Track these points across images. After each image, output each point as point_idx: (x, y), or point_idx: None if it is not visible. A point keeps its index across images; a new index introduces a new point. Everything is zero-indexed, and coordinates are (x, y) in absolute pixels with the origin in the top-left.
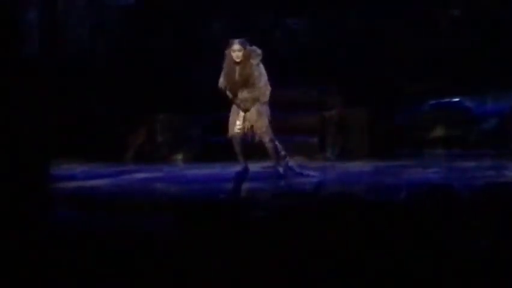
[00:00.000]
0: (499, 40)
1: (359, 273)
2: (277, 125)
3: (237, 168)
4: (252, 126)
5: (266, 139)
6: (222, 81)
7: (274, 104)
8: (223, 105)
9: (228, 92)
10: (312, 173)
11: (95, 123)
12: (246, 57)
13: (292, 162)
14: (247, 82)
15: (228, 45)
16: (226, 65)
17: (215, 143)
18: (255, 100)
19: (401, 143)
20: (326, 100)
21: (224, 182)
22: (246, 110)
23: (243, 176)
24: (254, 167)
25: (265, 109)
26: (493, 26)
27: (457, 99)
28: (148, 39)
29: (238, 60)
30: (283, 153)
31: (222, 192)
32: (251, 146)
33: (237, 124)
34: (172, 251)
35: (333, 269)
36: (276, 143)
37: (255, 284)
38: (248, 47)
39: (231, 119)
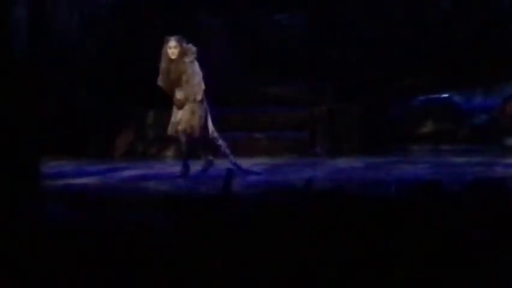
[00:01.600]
0: (489, 35)
1: (350, 270)
2: (268, 121)
3: (228, 164)
4: (183, 124)
5: (188, 138)
6: (159, 79)
7: (264, 99)
8: (216, 101)
9: (166, 90)
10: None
11: (84, 119)
12: (181, 55)
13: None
14: (180, 80)
15: (164, 42)
16: (162, 63)
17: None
18: (188, 98)
19: (391, 138)
20: (315, 96)
21: (215, 179)
22: (180, 108)
23: (184, 173)
24: (246, 164)
25: (199, 108)
26: (483, 20)
27: (446, 95)
28: (139, 34)
29: (173, 57)
30: (227, 151)
31: (213, 189)
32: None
33: (174, 123)
34: (163, 248)
35: (324, 265)
36: (220, 142)
37: (247, 281)
38: (184, 45)
39: (172, 118)
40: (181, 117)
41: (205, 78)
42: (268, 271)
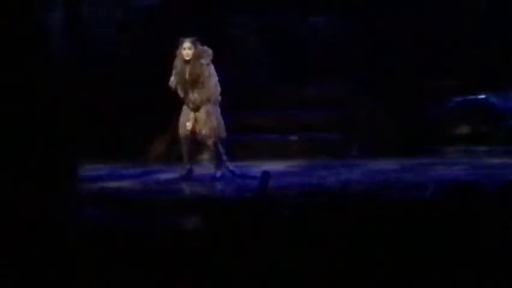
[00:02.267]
0: None
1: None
2: (302, 123)
3: (263, 167)
4: (199, 127)
5: (209, 141)
6: (172, 80)
7: (299, 102)
8: (248, 105)
9: (178, 92)
10: (254, 175)
11: (121, 123)
12: (196, 57)
13: (232, 165)
14: (196, 82)
15: (179, 44)
16: (176, 64)
17: (239, 142)
18: (205, 100)
19: (427, 140)
20: (351, 97)
21: (249, 181)
22: (195, 110)
23: (188, 177)
24: (281, 166)
25: (215, 110)
26: None
27: (483, 96)
28: (173, 37)
29: (188, 58)
30: (224, 157)
31: (248, 191)
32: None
33: (187, 125)
34: (198, 251)
35: (359, 267)
36: (219, 146)
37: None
38: (199, 47)
39: (181, 119)
40: (197, 120)
41: (227, 81)
42: (304, 274)
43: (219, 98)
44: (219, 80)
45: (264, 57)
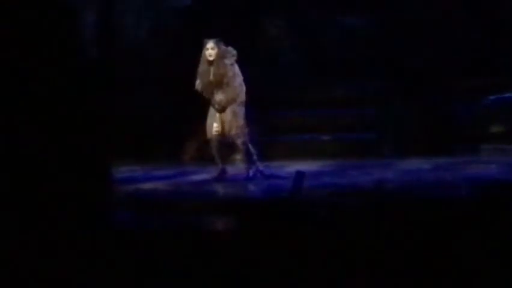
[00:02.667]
0: None
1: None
2: (334, 123)
3: (296, 166)
4: (227, 127)
5: (238, 141)
6: (198, 83)
7: (330, 101)
8: (281, 105)
9: (204, 94)
10: (283, 175)
11: (154, 124)
12: (220, 57)
13: (261, 166)
14: (221, 82)
15: (203, 45)
16: (200, 66)
17: (272, 142)
18: (230, 101)
19: (459, 138)
20: (383, 97)
21: (281, 181)
22: (221, 111)
23: (221, 178)
24: (314, 166)
25: (241, 110)
26: None
27: None
28: (206, 37)
29: (211, 58)
30: (255, 157)
31: (282, 191)
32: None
33: (215, 126)
34: (233, 251)
35: (396, 267)
36: (250, 146)
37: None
38: (222, 47)
39: (208, 121)
40: (223, 120)
41: (259, 82)
42: (338, 272)
43: (244, 98)
44: (246, 80)
45: (296, 57)
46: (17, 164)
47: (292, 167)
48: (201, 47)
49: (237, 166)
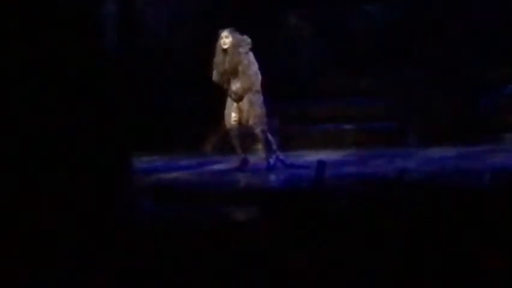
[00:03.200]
0: None
1: (442, 261)
2: (358, 112)
3: (318, 156)
4: (245, 117)
5: (257, 129)
6: (215, 74)
7: (354, 91)
8: (303, 94)
9: (222, 84)
10: (304, 165)
11: (175, 115)
12: (235, 46)
13: (282, 154)
14: (236, 71)
15: (218, 36)
16: (216, 57)
17: (295, 132)
18: (246, 89)
19: (483, 127)
20: (406, 86)
21: (302, 170)
22: (238, 100)
23: (243, 167)
24: (336, 155)
25: (258, 98)
26: None
27: None
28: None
29: (225, 46)
30: (274, 146)
31: (304, 181)
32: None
33: (233, 116)
34: (256, 241)
35: (419, 256)
36: (268, 135)
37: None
38: (237, 36)
39: (226, 111)
40: (241, 109)
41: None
42: (361, 263)
43: (259, 86)
44: (267, 70)
45: (319, 47)
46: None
47: (314, 156)
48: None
49: (258, 156)
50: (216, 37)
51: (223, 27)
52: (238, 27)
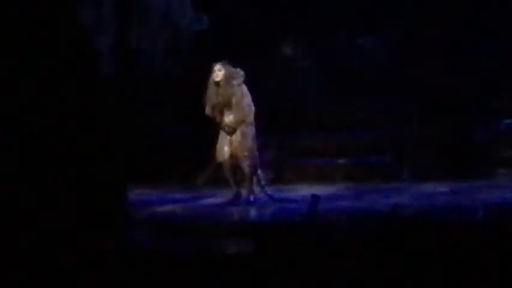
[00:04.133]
0: None
1: None
2: (352, 145)
3: (312, 190)
4: (236, 149)
5: (245, 163)
6: (208, 108)
7: (348, 123)
8: (297, 127)
9: (215, 117)
10: (293, 199)
11: (168, 147)
12: (227, 78)
13: (270, 190)
14: (229, 103)
15: (211, 70)
16: (209, 90)
17: (288, 165)
18: (239, 122)
19: (478, 162)
20: (401, 119)
21: (298, 204)
22: (231, 133)
23: (235, 201)
24: (330, 189)
25: (250, 131)
26: None
27: None
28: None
29: (217, 79)
30: (263, 182)
31: (297, 215)
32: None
33: (225, 149)
34: (250, 274)
35: None
36: (258, 171)
37: None
38: (230, 68)
39: (218, 145)
40: (232, 142)
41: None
42: None
43: (252, 118)
44: (260, 103)
45: (314, 79)
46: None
47: (308, 190)
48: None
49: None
50: (209, 69)
51: (217, 58)
52: (231, 59)
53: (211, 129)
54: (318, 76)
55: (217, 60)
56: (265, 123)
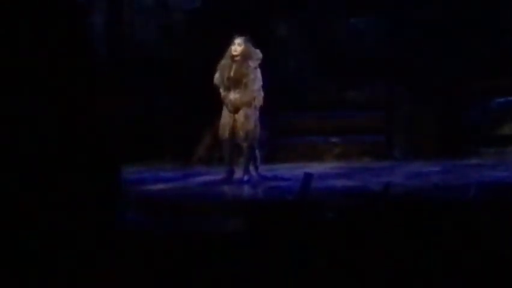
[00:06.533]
0: None
1: (427, 275)
2: (344, 125)
3: (305, 168)
4: (238, 128)
5: (245, 144)
6: (217, 76)
7: (341, 103)
8: (290, 106)
9: (221, 90)
10: (285, 177)
11: (162, 125)
12: (245, 56)
13: (265, 171)
14: (240, 82)
15: (231, 40)
16: (223, 61)
17: (281, 144)
18: (245, 103)
19: (469, 141)
20: (393, 99)
21: (291, 183)
22: (234, 112)
23: (228, 179)
24: (322, 168)
25: (253, 114)
26: None
27: None
28: (215, 40)
29: (235, 53)
30: (258, 162)
31: (289, 193)
32: None
33: (228, 127)
34: (240, 254)
35: (401, 270)
36: (256, 152)
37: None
38: (250, 47)
39: (221, 122)
40: (235, 121)
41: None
42: (345, 276)
43: (261, 103)
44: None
45: (306, 59)
46: (26, 165)
47: (301, 169)
48: (207, 47)
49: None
50: (206, 46)
51: (209, 36)
52: (224, 39)
53: (205, 108)
54: (310, 56)
55: (215, 37)
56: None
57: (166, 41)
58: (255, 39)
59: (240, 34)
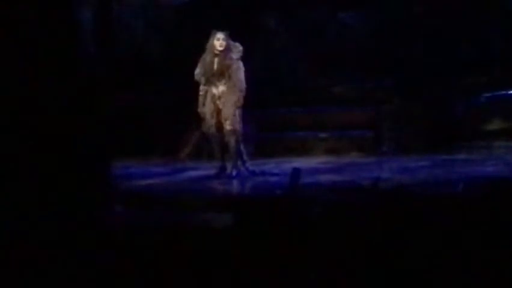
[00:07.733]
0: None
1: (416, 269)
2: (333, 120)
3: (293, 163)
4: (223, 121)
5: (232, 138)
6: (198, 72)
7: (330, 99)
8: (279, 102)
9: (202, 84)
10: (274, 172)
11: (151, 120)
12: (228, 49)
13: (253, 166)
14: (223, 74)
15: (211, 35)
16: (205, 56)
17: (270, 139)
18: (229, 94)
19: (457, 136)
20: (381, 94)
21: (279, 178)
22: (219, 104)
23: (220, 175)
24: (311, 163)
25: (237, 107)
26: None
27: None
28: (204, 35)
29: (221, 48)
30: (245, 156)
31: (278, 188)
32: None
33: (212, 120)
34: (228, 249)
35: (390, 264)
36: (241, 146)
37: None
38: (229, 41)
39: (207, 116)
40: (219, 114)
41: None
42: (334, 270)
43: (243, 93)
44: (248, 77)
45: (295, 54)
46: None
47: (290, 163)
48: (197, 42)
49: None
50: (194, 40)
51: (197, 31)
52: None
53: (194, 102)
54: (299, 51)
55: (204, 31)
56: (246, 97)
57: (154, 35)
58: (244, 34)
59: (221, 29)
